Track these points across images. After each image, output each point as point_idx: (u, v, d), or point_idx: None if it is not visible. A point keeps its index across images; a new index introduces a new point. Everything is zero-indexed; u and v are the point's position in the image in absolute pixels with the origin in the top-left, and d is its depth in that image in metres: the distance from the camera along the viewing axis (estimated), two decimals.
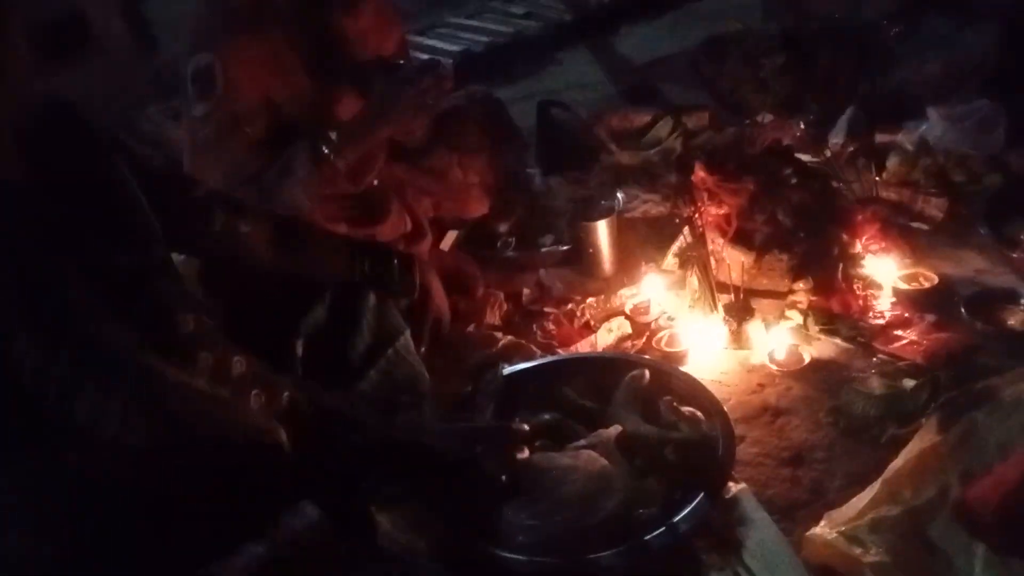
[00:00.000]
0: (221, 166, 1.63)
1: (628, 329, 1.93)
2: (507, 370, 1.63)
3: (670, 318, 1.94)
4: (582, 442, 1.41)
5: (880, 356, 1.74)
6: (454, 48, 3.92)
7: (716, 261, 1.94)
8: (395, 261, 1.55)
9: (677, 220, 2.14)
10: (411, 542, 1.29)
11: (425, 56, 3.13)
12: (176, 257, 1.25)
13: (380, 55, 1.84)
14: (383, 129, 1.75)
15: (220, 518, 1.06)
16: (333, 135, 1.67)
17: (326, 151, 1.66)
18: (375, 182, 1.89)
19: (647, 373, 1.56)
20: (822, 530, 1.30)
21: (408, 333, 1.62)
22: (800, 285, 1.93)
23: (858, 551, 1.24)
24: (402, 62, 1.86)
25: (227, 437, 1.08)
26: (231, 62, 1.67)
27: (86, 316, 0.96)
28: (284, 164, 1.65)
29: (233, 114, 1.67)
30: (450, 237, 2.25)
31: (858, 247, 1.98)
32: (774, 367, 1.76)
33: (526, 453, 1.33)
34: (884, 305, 1.86)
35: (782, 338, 1.80)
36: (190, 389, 1.03)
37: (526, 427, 1.37)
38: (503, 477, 1.30)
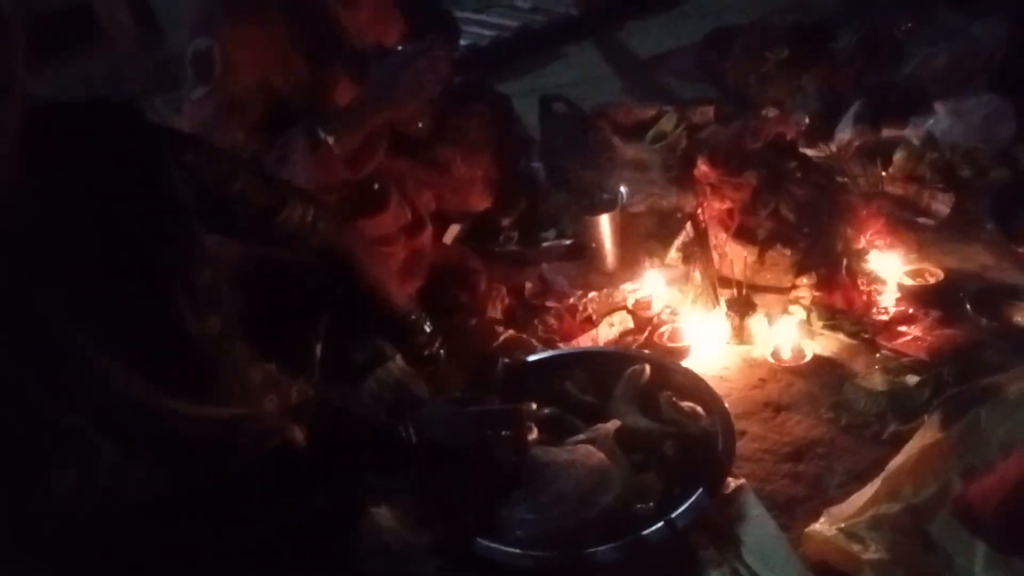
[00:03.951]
0: None
1: (630, 324, 1.93)
2: (508, 364, 1.62)
3: (672, 313, 1.93)
4: (581, 436, 1.41)
5: (883, 352, 1.72)
6: (460, 42, 3.91)
7: (719, 256, 1.93)
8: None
9: (680, 215, 2.13)
10: (412, 537, 1.29)
11: None
12: None
13: (380, 43, 1.83)
14: (380, 113, 1.74)
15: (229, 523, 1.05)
16: (330, 120, 1.67)
17: (323, 136, 1.65)
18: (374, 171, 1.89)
19: (647, 368, 1.56)
20: (822, 527, 1.29)
21: (399, 356, 1.65)
22: (803, 280, 1.92)
23: (857, 548, 1.23)
24: (400, 48, 1.85)
25: (236, 452, 1.06)
26: (230, 46, 1.66)
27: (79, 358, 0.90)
28: (281, 149, 1.65)
29: (231, 97, 1.67)
30: (453, 231, 2.24)
31: (863, 242, 1.97)
32: (776, 363, 1.75)
33: (535, 434, 1.31)
34: (888, 301, 1.84)
35: (785, 333, 1.79)
36: (196, 418, 1.01)
37: (534, 406, 1.35)
38: (513, 460, 1.29)
